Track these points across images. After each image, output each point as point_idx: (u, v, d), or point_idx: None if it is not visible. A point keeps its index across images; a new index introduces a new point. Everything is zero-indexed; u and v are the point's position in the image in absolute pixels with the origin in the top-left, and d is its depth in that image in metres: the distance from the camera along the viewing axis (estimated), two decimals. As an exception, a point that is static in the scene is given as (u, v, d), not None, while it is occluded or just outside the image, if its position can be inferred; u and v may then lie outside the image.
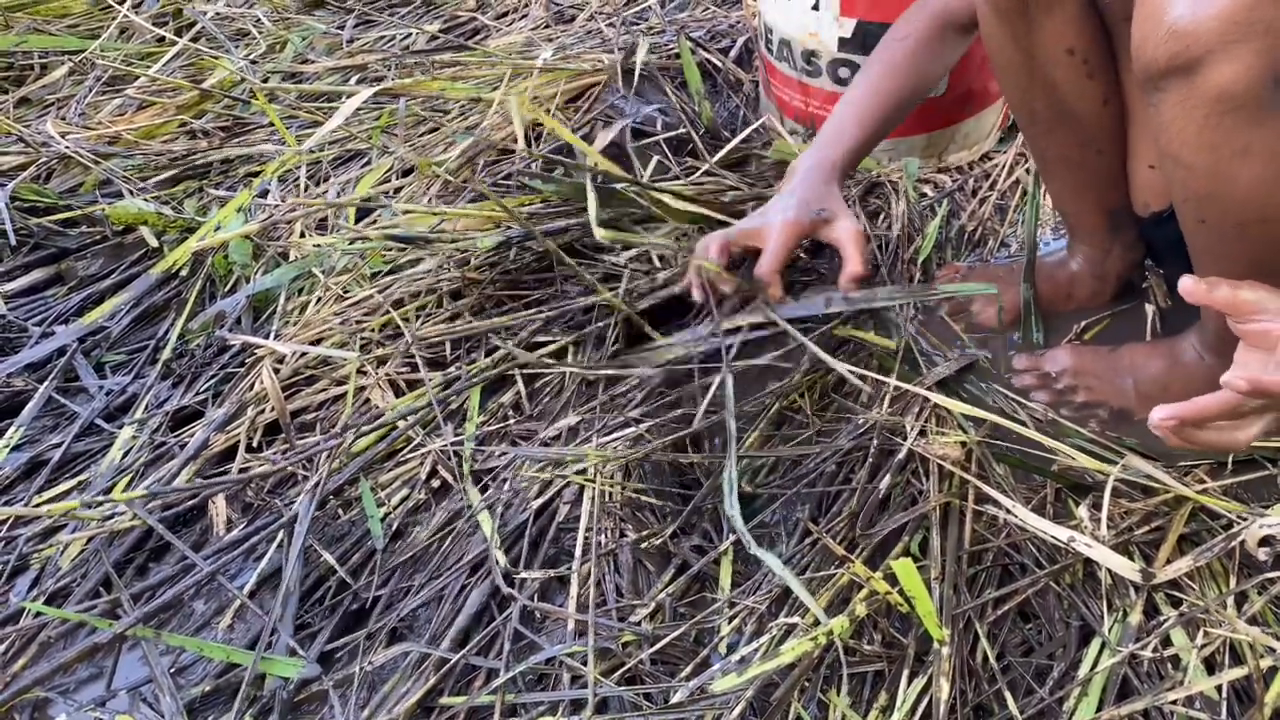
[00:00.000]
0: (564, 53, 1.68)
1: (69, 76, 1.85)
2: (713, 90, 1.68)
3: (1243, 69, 0.74)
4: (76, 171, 1.61)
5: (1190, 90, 0.78)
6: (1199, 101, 0.78)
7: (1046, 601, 0.93)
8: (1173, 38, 0.76)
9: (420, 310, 1.28)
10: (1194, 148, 0.81)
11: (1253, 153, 0.80)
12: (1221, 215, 0.86)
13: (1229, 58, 0.74)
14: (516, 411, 1.17)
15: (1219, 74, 0.75)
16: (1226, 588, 0.90)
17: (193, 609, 1.04)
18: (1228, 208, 0.85)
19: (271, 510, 1.09)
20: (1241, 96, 0.76)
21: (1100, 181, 1.10)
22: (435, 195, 1.43)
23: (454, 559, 1.03)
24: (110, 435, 1.22)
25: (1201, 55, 0.75)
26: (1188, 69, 0.76)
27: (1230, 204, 0.84)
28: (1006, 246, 1.40)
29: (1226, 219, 0.86)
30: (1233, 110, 0.77)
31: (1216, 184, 0.83)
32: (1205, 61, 0.75)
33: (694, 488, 1.07)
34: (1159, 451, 1.04)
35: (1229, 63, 0.74)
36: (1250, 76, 0.75)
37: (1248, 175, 0.81)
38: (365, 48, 1.87)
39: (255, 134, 1.68)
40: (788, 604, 0.91)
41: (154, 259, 1.44)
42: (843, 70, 1.42)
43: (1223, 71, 0.75)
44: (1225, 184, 0.82)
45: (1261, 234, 0.86)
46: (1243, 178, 0.81)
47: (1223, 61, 0.75)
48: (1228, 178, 0.82)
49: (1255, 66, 0.74)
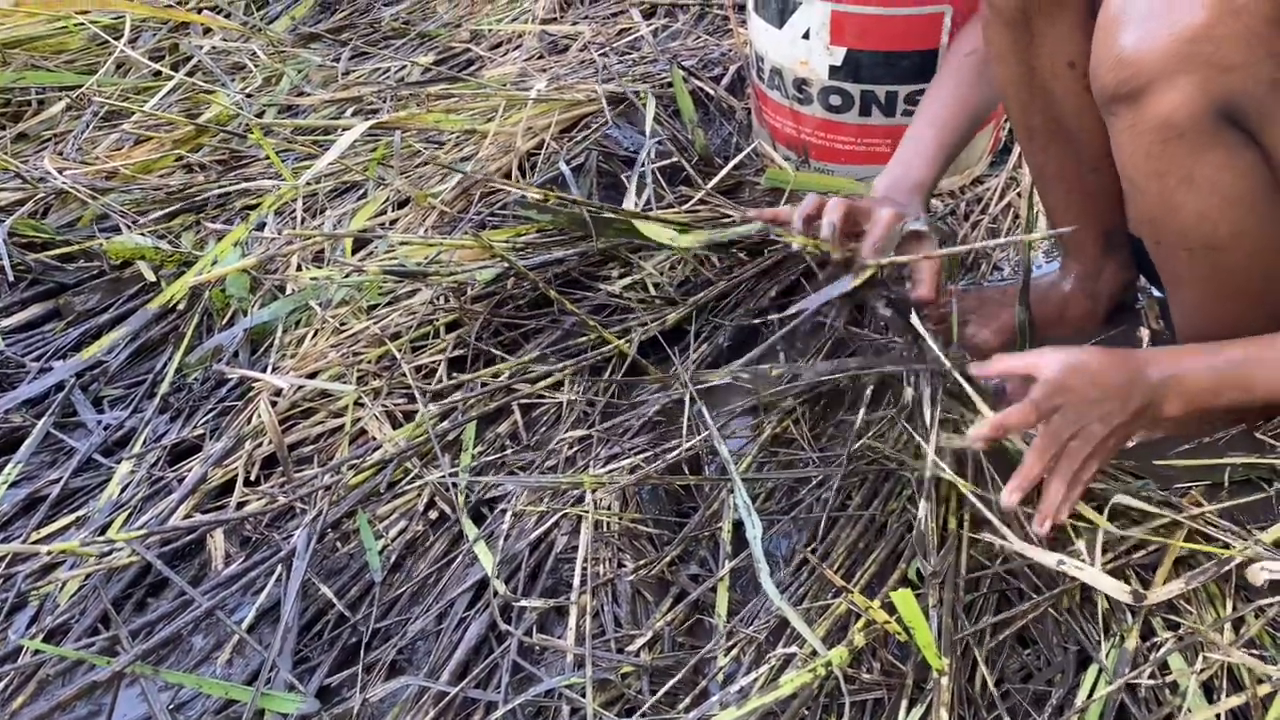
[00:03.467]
0: (558, 83, 1.70)
1: (66, 112, 1.86)
2: (705, 118, 1.69)
3: (1184, 99, 0.77)
4: (74, 206, 1.61)
5: (1137, 117, 0.80)
6: (1145, 128, 0.80)
7: (1045, 627, 0.93)
8: (1120, 65, 0.78)
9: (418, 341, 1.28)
10: (1143, 173, 0.83)
11: (1196, 181, 0.82)
12: (1171, 240, 0.88)
13: (1171, 88, 0.76)
14: (514, 442, 1.18)
15: (1162, 103, 0.78)
16: (1223, 612, 0.90)
17: (191, 644, 1.04)
18: (1175, 233, 0.87)
19: (270, 544, 1.09)
20: (1183, 125, 0.78)
21: (1096, 200, 1.11)
22: (431, 227, 1.44)
23: (452, 591, 1.03)
24: (108, 470, 1.22)
25: (1146, 84, 0.77)
26: (1133, 96, 0.79)
27: (1177, 230, 0.86)
28: (999, 270, 1.41)
29: (1176, 244, 0.88)
30: (1176, 138, 0.79)
31: (1164, 210, 0.85)
32: (1149, 90, 0.77)
33: (691, 515, 1.07)
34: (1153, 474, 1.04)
35: (1171, 92, 0.77)
36: (1191, 107, 0.77)
37: (1192, 203, 0.83)
38: (360, 80, 1.88)
39: (252, 167, 1.69)
40: (786, 633, 0.91)
41: (151, 293, 1.44)
42: (833, 98, 1.44)
43: (1165, 101, 0.77)
44: (1172, 211, 0.84)
45: (1209, 260, 0.87)
46: (1188, 206, 0.83)
47: (1166, 91, 0.77)
48: (1174, 205, 0.84)
49: (1196, 98, 0.77)
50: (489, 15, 2.09)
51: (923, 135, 1.13)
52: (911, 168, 1.11)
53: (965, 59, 1.15)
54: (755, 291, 1.34)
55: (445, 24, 2.08)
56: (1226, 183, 0.82)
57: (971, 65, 1.14)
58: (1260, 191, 0.84)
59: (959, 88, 1.14)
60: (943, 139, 1.12)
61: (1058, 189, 1.14)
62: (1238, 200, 0.83)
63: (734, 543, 1.02)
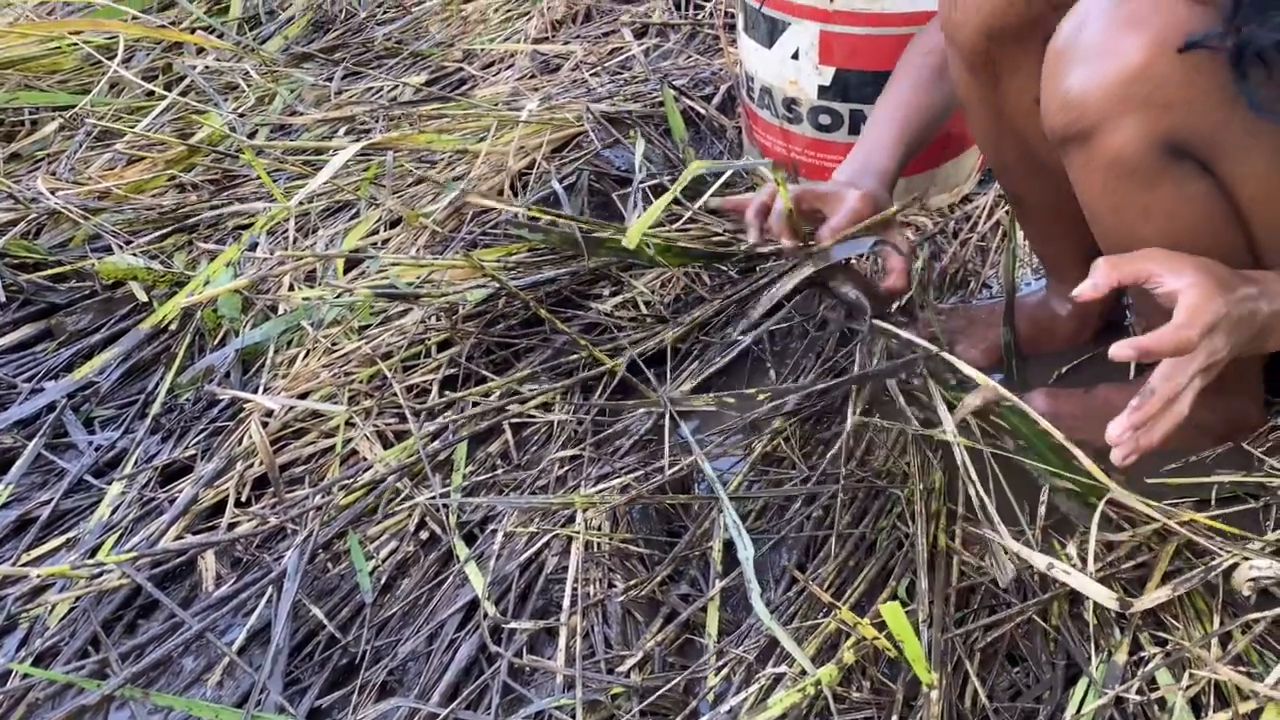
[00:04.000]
0: (549, 103, 1.71)
1: (59, 132, 1.87)
2: (696, 137, 1.71)
3: (1130, 138, 0.79)
4: (66, 227, 1.62)
5: (1089, 155, 0.82)
6: (1097, 166, 0.82)
7: (1034, 643, 0.94)
8: (1067, 107, 0.80)
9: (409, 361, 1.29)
10: (1102, 207, 0.86)
11: (1153, 213, 0.84)
12: None
13: (1117, 127, 0.79)
14: (504, 461, 1.18)
15: (1110, 142, 0.80)
16: (1210, 627, 0.91)
17: (181, 666, 1.04)
18: None
19: (260, 565, 1.09)
20: (1132, 162, 0.80)
21: (1075, 224, 1.12)
22: (423, 246, 1.45)
23: (443, 612, 1.03)
24: (99, 491, 1.22)
25: (1093, 125, 0.79)
26: (1083, 136, 0.81)
27: None
28: (988, 287, 1.42)
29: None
30: (1127, 175, 0.81)
31: (1128, 240, 0.86)
32: (1097, 130, 0.80)
33: (682, 534, 1.07)
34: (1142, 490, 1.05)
35: (1117, 132, 0.79)
36: (1137, 145, 0.79)
37: (1152, 233, 0.84)
38: (353, 99, 1.89)
39: (245, 186, 1.70)
40: (776, 652, 0.91)
41: (144, 313, 1.45)
42: (823, 117, 1.45)
43: (1113, 140, 0.79)
44: (1135, 241, 0.85)
45: None
46: (1149, 237, 0.84)
47: (1112, 131, 0.79)
48: (1136, 236, 0.85)
49: (1141, 136, 0.79)
50: (481, 35, 2.10)
51: (883, 128, 1.13)
52: (873, 157, 1.11)
53: (924, 59, 1.15)
54: (746, 309, 1.35)
55: (438, 43, 2.09)
56: (1183, 213, 0.84)
57: (930, 66, 1.14)
58: (1218, 217, 0.85)
59: (917, 89, 1.14)
60: (903, 135, 1.11)
61: (1037, 217, 1.15)
62: (1196, 227, 0.85)
63: (724, 562, 1.02)
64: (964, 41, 0.98)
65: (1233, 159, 0.82)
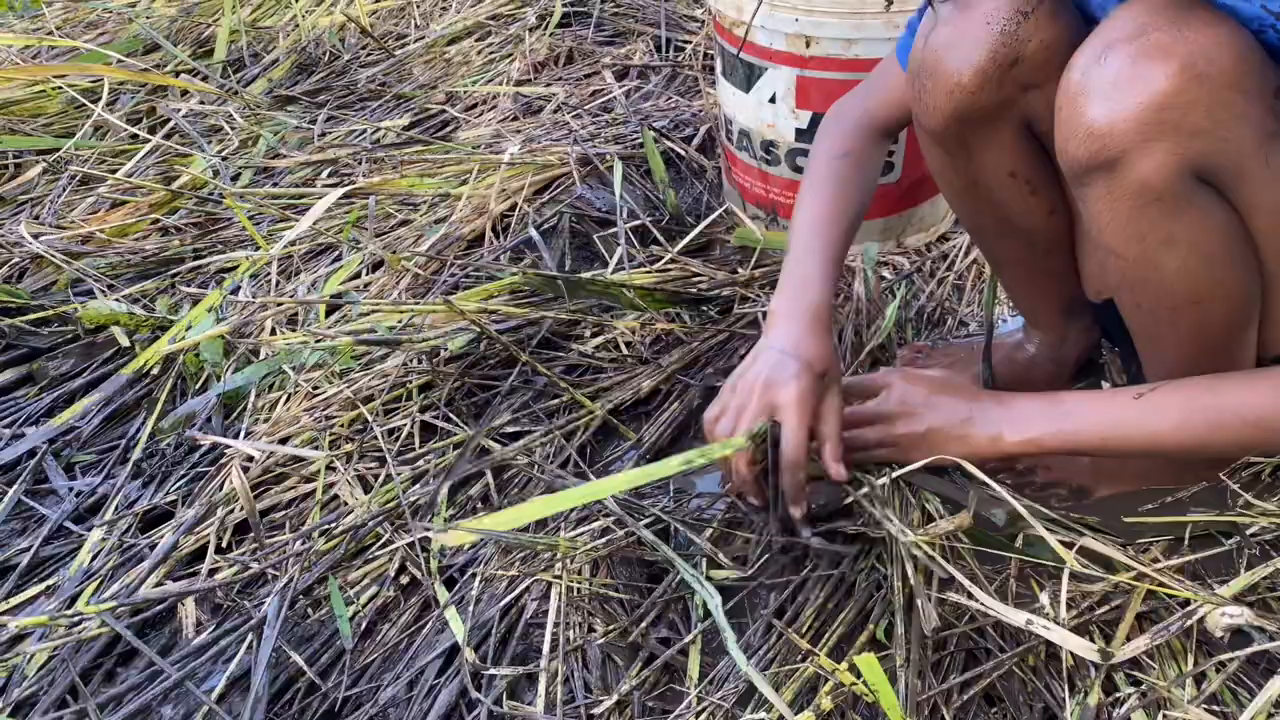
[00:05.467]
0: (531, 145, 1.73)
1: (43, 175, 1.88)
2: (677, 178, 1.73)
3: (1158, 165, 0.79)
4: (49, 271, 1.62)
5: (1113, 185, 0.82)
6: (1122, 195, 0.82)
7: (1011, 685, 0.94)
8: (1091, 138, 0.80)
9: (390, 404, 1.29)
10: (1123, 238, 0.85)
11: (1176, 241, 0.84)
12: (1155, 300, 0.90)
13: (1145, 154, 0.79)
14: (485, 504, 1.18)
15: (1137, 170, 0.80)
16: (1186, 666, 0.91)
17: (161, 715, 1.03)
18: (1160, 293, 0.89)
19: (241, 612, 1.09)
20: (1159, 189, 0.81)
21: (1053, 277, 1.14)
22: (405, 289, 1.46)
23: (423, 658, 1.03)
24: (79, 538, 1.21)
25: (1119, 154, 0.80)
26: (1109, 166, 0.81)
27: (1162, 290, 0.88)
28: (965, 325, 1.44)
29: (1160, 304, 0.90)
30: (1154, 202, 0.82)
31: (1148, 271, 0.87)
32: (1123, 159, 0.80)
33: (663, 577, 1.08)
34: (1118, 530, 1.06)
35: (1145, 159, 0.79)
36: (1166, 171, 0.80)
37: (1174, 262, 0.86)
38: (336, 142, 1.91)
39: (228, 230, 1.71)
40: (755, 698, 0.92)
41: (125, 358, 1.45)
42: (800, 159, 1.47)
43: (1140, 167, 0.80)
44: (1155, 271, 0.86)
45: (1194, 316, 0.90)
46: (1170, 265, 0.86)
47: (1140, 158, 0.79)
48: (1157, 265, 0.86)
49: (1168, 163, 0.79)
50: (464, 77, 2.13)
51: (813, 251, 1.06)
52: (808, 293, 1.03)
53: (838, 162, 1.11)
54: (725, 350, 1.36)
55: (421, 85, 2.11)
56: (1204, 239, 0.85)
57: (847, 169, 1.11)
58: (1236, 244, 0.87)
59: (838, 196, 1.10)
60: (831, 252, 1.06)
61: (1013, 273, 1.17)
62: (1216, 254, 0.86)
63: (704, 606, 1.02)
64: (935, 126, 0.99)
65: (1252, 187, 0.83)
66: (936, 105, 0.97)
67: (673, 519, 1.09)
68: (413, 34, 2.32)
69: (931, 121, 0.99)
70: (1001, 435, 0.98)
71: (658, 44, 2.18)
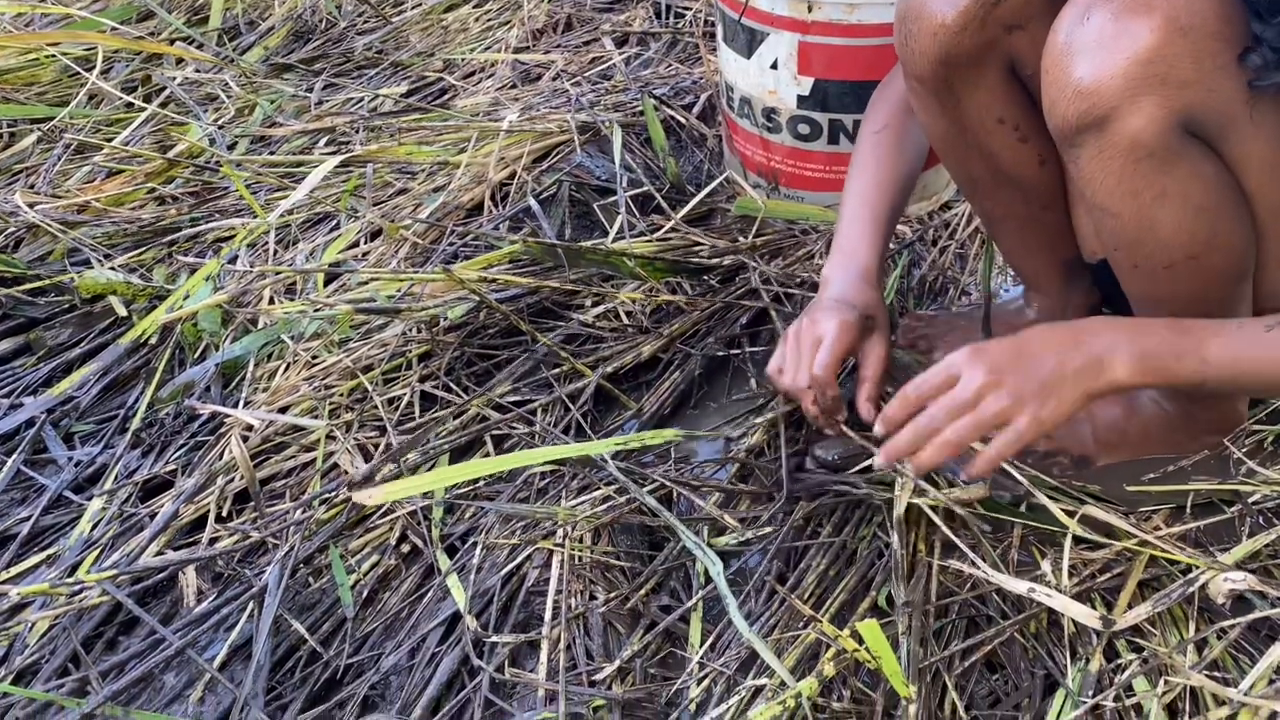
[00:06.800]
0: (530, 114, 1.71)
1: (37, 145, 1.86)
2: (677, 146, 1.71)
3: (1148, 119, 0.80)
4: (45, 240, 1.61)
5: (1104, 143, 0.82)
6: (1113, 152, 0.83)
7: (1012, 651, 0.94)
8: (1079, 97, 0.81)
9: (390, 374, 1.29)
10: (1117, 196, 0.85)
11: (1170, 195, 0.84)
12: (1151, 259, 0.90)
13: (1134, 110, 0.80)
14: (486, 473, 1.18)
15: (1127, 126, 0.80)
16: (1187, 633, 0.91)
17: (163, 683, 1.03)
18: (1156, 251, 0.89)
19: (241, 580, 1.09)
20: (1151, 144, 0.81)
21: (1049, 236, 1.13)
22: (404, 259, 1.45)
23: (425, 626, 1.03)
24: (79, 507, 1.21)
25: (1108, 111, 0.80)
26: (1098, 124, 0.81)
27: (1158, 247, 0.88)
28: (967, 294, 1.43)
29: (1157, 262, 0.90)
30: (1146, 158, 0.82)
31: (1142, 229, 0.87)
32: (1113, 116, 0.80)
33: (664, 544, 1.08)
34: (1120, 498, 1.06)
35: (1135, 115, 0.80)
36: (1156, 125, 0.80)
37: (1168, 217, 0.86)
38: (333, 111, 1.89)
39: (225, 199, 1.70)
40: (756, 664, 0.92)
41: (123, 328, 1.44)
42: (802, 126, 1.46)
43: (1131, 123, 0.80)
44: (1150, 228, 0.87)
45: (1190, 271, 0.90)
46: (1165, 220, 0.86)
47: (1129, 114, 0.80)
48: (1152, 222, 0.86)
49: (1158, 116, 0.80)
50: (462, 44, 2.10)
51: (860, 219, 1.12)
52: (857, 256, 1.10)
53: (878, 136, 1.16)
54: (726, 320, 1.35)
55: (418, 53, 2.09)
56: (1197, 192, 0.85)
57: (888, 141, 1.15)
58: (1228, 195, 0.87)
59: (880, 166, 1.14)
60: (879, 218, 1.12)
61: (1009, 230, 1.16)
62: (1209, 206, 0.86)
63: (705, 573, 1.02)
64: (921, 71, 1.00)
65: (1240, 137, 0.84)
66: (922, 49, 0.97)
67: (675, 485, 1.09)
68: (410, 0, 2.29)
69: (918, 67, 0.99)
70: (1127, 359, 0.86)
71: (658, 10, 2.15)
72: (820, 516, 1.07)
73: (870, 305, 1.07)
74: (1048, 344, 0.89)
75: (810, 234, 1.49)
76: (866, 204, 1.13)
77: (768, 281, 1.36)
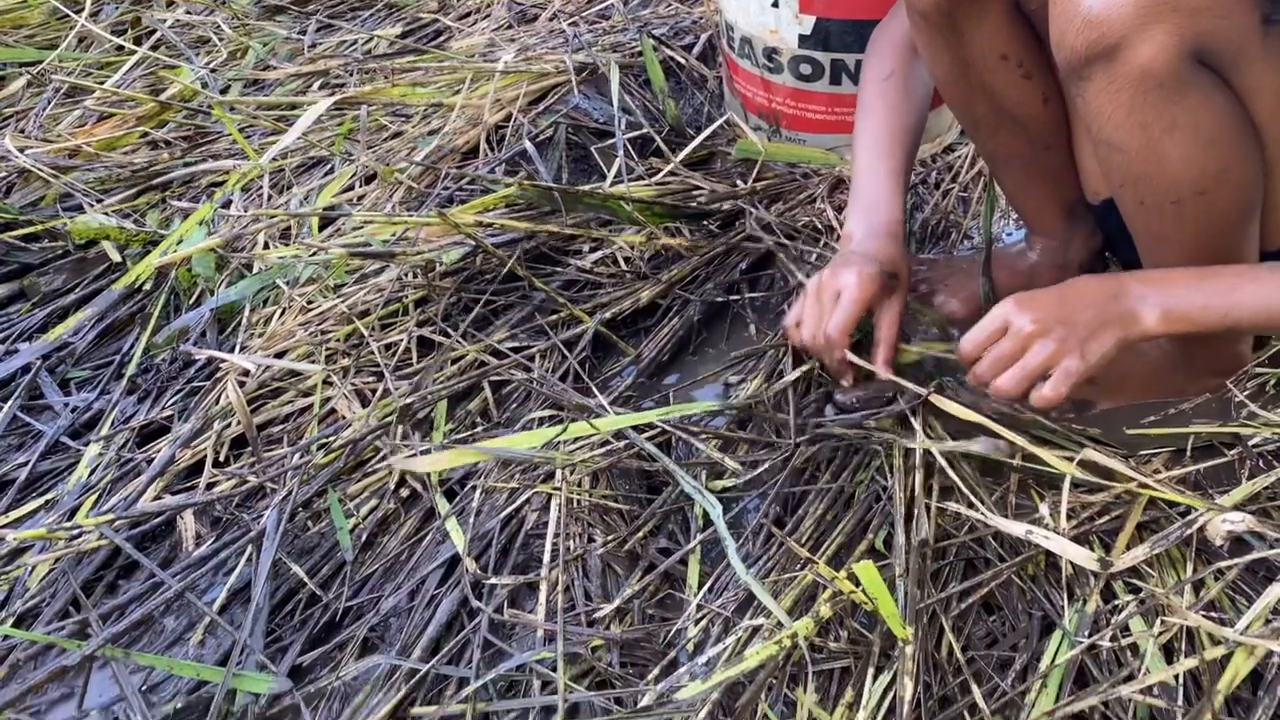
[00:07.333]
0: (526, 54, 1.68)
1: (27, 88, 1.83)
2: (676, 87, 1.68)
3: (1158, 48, 0.78)
4: (37, 185, 1.59)
5: (1113, 74, 0.81)
6: (1123, 84, 0.81)
7: (1010, 593, 0.94)
8: (1089, 26, 0.79)
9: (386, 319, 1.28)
10: (1125, 129, 0.84)
11: (1179, 127, 0.83)
12: (1159, 194, 0.89)
13: (1145, 39, 0.78)
14: (484, 419, 1.18)
15: (1137, 55, 0.79)
16: (1185, 574, 0.91)
17: (163, 625, 1.04)
18: (1163, 186, 0.88)
19: (240, 525, 1.09)
20: (1161, 74, 0.79)
21: (1052, 176, 1.12)
22: (399, 202, 1.43)
23: (424, 568, 1.03)
24: (77, 453, 1.21)
25: (1118, 40, 0.78)
26: (1108, 54, 0.80)
27: (1166, 182, 0.87)
28: (970, 238, 1.41)
29: (1164, 198, 0.88)
30: (1155, 88, 0.80)
31: (1150, 163, 0.86)
32: (1123, 45, 0.79)
33: (662, 489, 1.08)
34: (1120, 441, 1.06)
35: (1145, 44, 0.78)
36: (1167, 55, 0.78)
37: (1178, 151, 0.84)
38: (327, 53, 1.86)
39: (218, 143, 1.67)
40: (754, 605, 0.92)
41: (117, 273, 1.43)
42: (804, 66, 1.43)
43: (1141, 52, 0.79)
44: (1158, 162, 0.85)
45: (1198, 208, 0.88)
46: (1173, 154, 0.84)
47: (1139, 43, 0.78)
48: (1160, 155, 0.85)
49: (1169, 45, 0.78)
50: (457, -15, 2.06)
51: (877, 171, 1.11)
52: (878, 210, 1.09)
53: (886, 83, 1.14)
54: (726, 265, 1.34)
55: (413, -6, 2.05)
56: (1207, 124, 0.83)
57: (896, 87, 1.13)
58: (1238, 127, 0.85)
59: (892, 114, 1.13)
60: (895, 171, 1.10)
61: (1012, 171, 1.15)
62: (1219, 139, 0.85)
63: (704, 516, 1.02)
64: (925, 6, 0.98)
65: (1251, 68, 0.82)
66: None
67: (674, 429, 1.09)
68: (404, -60, 2.24)
69: (922, 3, 0.98)
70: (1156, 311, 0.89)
71: (657, -51, 2.11)
72: (819, 462, 1.06)
73: (893, 260, 1.06)
74: (1087, 295, 0.91)
75: (812, 178, 1.47)
76: (882, 155, 1.11)
77: (768, 228, 1.35)
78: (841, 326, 1.02)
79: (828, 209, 1.39)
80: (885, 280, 1.04)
